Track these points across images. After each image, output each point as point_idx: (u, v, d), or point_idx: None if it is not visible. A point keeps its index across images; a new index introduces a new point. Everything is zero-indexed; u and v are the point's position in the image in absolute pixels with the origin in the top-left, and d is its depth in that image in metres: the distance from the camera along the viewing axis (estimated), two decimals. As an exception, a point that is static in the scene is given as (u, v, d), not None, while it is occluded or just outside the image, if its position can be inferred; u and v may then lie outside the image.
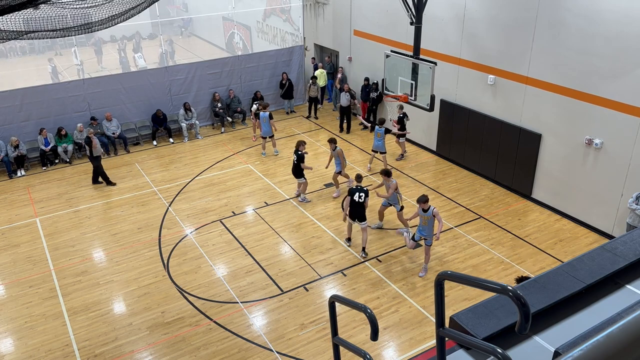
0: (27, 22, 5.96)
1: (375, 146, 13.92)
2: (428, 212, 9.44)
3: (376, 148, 13.93)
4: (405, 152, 15.02)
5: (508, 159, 12.74)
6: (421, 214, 9.54)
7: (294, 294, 9.55)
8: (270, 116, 14.83)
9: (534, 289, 4.91)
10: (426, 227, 9.56)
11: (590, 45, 10.33)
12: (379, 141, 13.75)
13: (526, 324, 2.09)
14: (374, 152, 14.05)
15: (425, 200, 9.41)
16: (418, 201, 9.50)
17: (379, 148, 13.88)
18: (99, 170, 13.56)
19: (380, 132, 13.65)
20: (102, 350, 8.36)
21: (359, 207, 10.18)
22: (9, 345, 8.53)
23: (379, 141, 13.77)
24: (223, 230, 11.56)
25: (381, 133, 13.66)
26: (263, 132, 14.93)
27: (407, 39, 14.05)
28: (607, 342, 1.25)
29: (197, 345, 8.41)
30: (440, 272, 2.63)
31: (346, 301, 3.92)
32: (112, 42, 26.32)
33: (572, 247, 10.74)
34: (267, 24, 20.89)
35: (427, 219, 9.48)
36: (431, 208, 9.46)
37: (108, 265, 10.47)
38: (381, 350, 8.28)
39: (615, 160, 10.45)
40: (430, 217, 9.45)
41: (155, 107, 16.16)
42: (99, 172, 13.58)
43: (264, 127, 14.81)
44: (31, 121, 14.74)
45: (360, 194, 10.12)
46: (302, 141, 12.57)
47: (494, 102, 12.81)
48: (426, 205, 9.42)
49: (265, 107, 15.02)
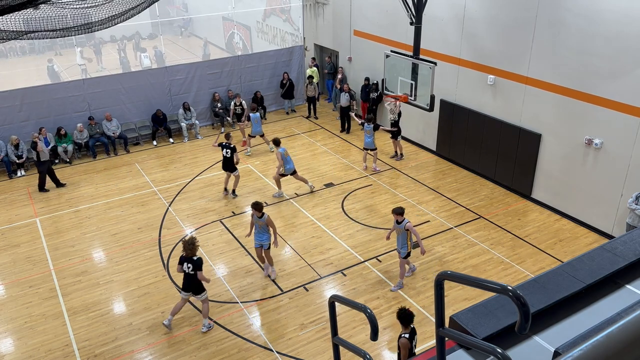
0: (27, 22, 5.96)
1: (366, 143, 13.93)
2: (401, 225, 9.20)
3: (367, 145, 13.93)
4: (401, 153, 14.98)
5: (508, 159, 12.74)
6: (395, 226, 9.38)
7: (294, 294, 9.55)
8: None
9: (534, 289, 4.92)
10: (399, 238, 9.33)
11: (590, 45, 10.33)
12: (369, 138, 13.77)
13: (526, 324, 2.10)
14: (365, 149, 14.06)
15: (400, 212, 9.15)
16: (393, 212, 9.26)
17: (369, 145, 13.88)
18: (43, 176, 13.27)
19: (369, 129, 13.65)
20: (102, 350, 8.36)
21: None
22: (9, 345, 8.53)
23: (368, 138, 13.79)
24: (223, 230, 11.56)
25: (370, 130, 13.66)
26: (253, 132, 15.16)
27: (407, 39, 14.06)
28: (606, 342, 1.25)
29: (197, 345, 8.41)
30: (440, 272, 2.63)
31: (346, 301, 3.92)
32: (112, 42, 26.33)
33: (572, 247, 10.74)
34: (267, 24, 20.90)
35: (400, 231, 9.27)
36: (404, 221, 9.17)
37: (108, 265, 10.47)
38: (381, 350, 8.29)
39: (615, 160, 10.46)
40: (403, 231, 9.21)
41: (155, 107, 16.16)
42: (44, 178, 13.30)
43: (256, 127, 15.05)
44: (31, 121, 14.74)
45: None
46: (229, 133, 12.77)
47: (493, 102, 12.81)
48: (400, 217, 9.18)
49: (255, 109, 15.38)
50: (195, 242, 8.36)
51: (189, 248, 8.28)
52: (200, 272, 8.28)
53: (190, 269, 8.30)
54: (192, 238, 8.42)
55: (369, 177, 13.83)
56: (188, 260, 8.31)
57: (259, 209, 9.43)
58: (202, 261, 8.37)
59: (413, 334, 6.77)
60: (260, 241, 9.66)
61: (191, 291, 8.51)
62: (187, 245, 8.31)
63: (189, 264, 8.31)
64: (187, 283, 8.46)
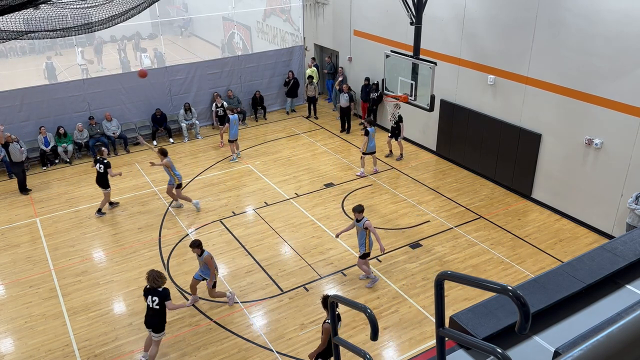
0: (27, 22, 5.96)
1: (372, 147, 13.60)
2: (360, 223, 9.25)
3: (372, 149, 13.65)
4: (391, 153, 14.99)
5: (508, 159, 12.74)
6: (354, 223, 9.41)
7: (294, 294, 9.55)
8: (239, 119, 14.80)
9: (534, 289, 4.92)
10: (358, 236, 9.36)
11: (590, 45, 10.33)
12: (373, 141, 13.59)
13: (526, 324, 2.10)
14: (372, 153, 13.75)
15: (360, 210, 9.20)
16: (353, 210, 9.30)
17: (373, 149, 13.68)
18: (20, 177, 13.24)
19: (373, 131, 13.51)
20: (102, 350, 8.36)
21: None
22: (9, 345, 8.53)
23: (373, 142, 13.58)
24: (223, 230, 11.56)
25: (374, 133, 13.55)
26: (232, 135, 14.55)
27: (407, 39, 14.05)
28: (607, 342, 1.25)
29: (197, 345, 8.42)
30: (440, 272, 2.63)
31: (346, 301, 3.92)
32: (112, 42, 26.33)
33: (572, 247, 10.74)
34: (267, 24, 20.90)
35: (359, 230, 9.31)
36: (363, 220, 9.22)
37: (108, 265, 10.47)
38: (381, 350, 8.29)
39: (615, 160, 10.46)
40: (362, 229, 9.25)
41: (155, 107, 16.15)
42: (21, 180, 13.27)
43: (233, 129, 14.51)
44: (31, 121, 14.74)
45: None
46: (101, 148, 12.08)
47: (493, 102, 12.81)
48: (360, 215, 9.22)
49: (233, 110, 14.94)
50: (162, 275, 7.63)
51: (153, 279, 7.52)
52: (169, 302, 7.60)
53: (156, 303, 7.57)
54: (156, 271, 7.65)
55: (369, 177, 13.82)
56: (153, 292, 7.60)
57: (197, 245, 8.64)
58: (169, 291, 7.66)
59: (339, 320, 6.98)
60: (202, 274, 8.98)
61: (151, 328, 7.77)
62: (152, 276, 7.54)
63: (153, 297, 7.58)
64: (148, 318, 7.74)
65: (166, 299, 7.61)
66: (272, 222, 11.79)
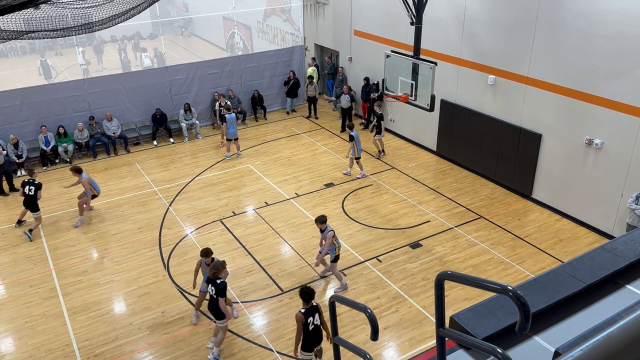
0: (27, 22, 5.96)
1: (361, 151, 13.57)
2: (324, 233, 9.28)
3: (360, 152, 13.60)
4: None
5: (508, 159, 12.74)
6: (321, 235, 9.42)
7: (294, 294, 9.54)
8: (237, 117, 14.75)
9: (534, 289, 4.92)
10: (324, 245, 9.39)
11: (590, 45, 10.33)
12: (359, 145, 13.52)
13: (526, 324, 2.10)
14: (357, 159, 13.55)
15: (323, 221, 9.23)
16: (316, 221, 9.34)
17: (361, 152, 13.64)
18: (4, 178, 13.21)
19: (356, 135, 13.38)
20: (103, 350, 8.37)
21: None
22: (9, 345, 8.53)
23: (359, 145, 13.51)
24: (223, 230, 11.56)
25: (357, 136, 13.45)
26: (229, 134, 14.66)
27: (407, 39, 14.05)
28: (607, 342, 1.25)
29: (197, 346, 8.42)
30: (441, 272, 2.63)
31: (346, 301, 3.92)
32: (112, 42, 26.34)
33: (572, 247, 10.74)
34: (268, 24, 20.90)
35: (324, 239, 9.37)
36: (327, 229, 9.26)
37: (108, 265, 10.47)
38: (381, 350, 8.28)
39: (615, 161, 10.45)
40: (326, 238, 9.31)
41: (155, 107, 16.16)
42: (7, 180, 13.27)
43: (231, 129, 14.60)
44: (31, 121, 14.75)
45: None
46: (31, 169, 11.63)
47: (494, 102, 12.81)
48: (323, 225, 9.25)
49: (230, 110, 14.95)
50: (222, 268, 7.90)
51: (214, 271, 7.81)
52: (222, 300, 7.75)
53: (214, 292, 7.83)
54: (220, 263, 7.95)
55: (369, 177, 13.82)
56: (213, 283, 7.85)
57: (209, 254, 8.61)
58: (225, 286, 7.89)
59: (313, 311, 7.09)
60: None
61: (213, 315, 8.03)
62: (215, 267, 7.86)
63: (212, 287, 7.85)
64: (210, 306, 8.00)
65: (221, 294, 7.80)
66: (272, 222, 11.79)
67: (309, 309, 7.07)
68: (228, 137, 14.76)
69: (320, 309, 7.19)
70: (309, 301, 7.06)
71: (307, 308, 7.06)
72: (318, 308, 7.16)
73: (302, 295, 7.07)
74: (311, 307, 7.09)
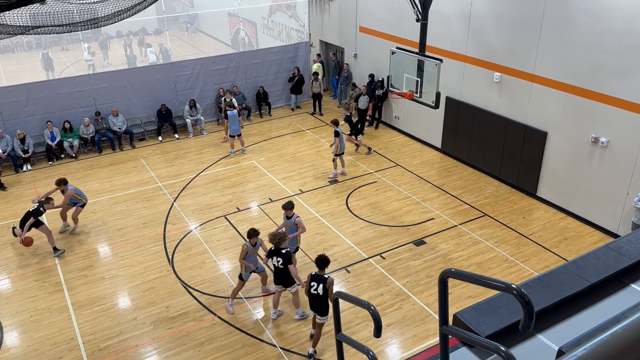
0: (33, 17, 5.98)
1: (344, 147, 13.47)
2: (291, 220, 9.38)
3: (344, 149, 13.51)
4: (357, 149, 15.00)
5: (513, 157, 12.70)
6: (285, 221, 9.44)
7: (299, 290, 9.55)
8: (239, 114, 14.81)
9: (538, 287, 4.90)
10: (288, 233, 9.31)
11: (597, 42, 10.26)
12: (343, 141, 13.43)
13: (530, 323, 2.09)
14: (341, 154, 13.44)
15: (290, 208, 9.34)
16: (283, 207, 9.40)
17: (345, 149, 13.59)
18: None
19: (341, 131, 13.35)
20: (107, 344, 8.41)
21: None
22: (15, 339, 8.59)
23: (343, 141, 13.42)
24: (227, 226, 11.58)
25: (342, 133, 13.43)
26: (232, 131, 14.70)
27: (412, 36, 14.01)
28: (611, 341, 1.25)
29: (201, 340, 8.45)
30: (444, 269, 2.63)
31: (350, 298, 3.93)
32: (118, 38, 26.37)
33: (577, 246, 10.70)
34: (273, 20, 20.86)
35: (290, 226, 9.40)
36: (294, 216, 9.36)
37: (113, 260, 10.52)
38: (384, 347, 8.30)
39: (621, 159, 10.40)
40: (293, 225, 9.36)
41: (160, 102, 16.19)
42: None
43: (233, 125, 14.62)
44: (37, 116, 14.82)
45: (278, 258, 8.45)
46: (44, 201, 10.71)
47: (499, 99, 12.76)
48: (290, 212, 9.34)
49: (232, 106, 14.98)
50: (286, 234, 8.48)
51: (278, 241, 8.22)
52: (291, 266, 8.26)
53: (280, 263, 8.27)
54: (281, 233, 8.43)
55: (374, 174, 13.81)
56: (277, 253, 8.27)
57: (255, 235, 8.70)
58: (290, 254, 8.31)
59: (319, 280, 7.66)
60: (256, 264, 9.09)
61: (281, 284, 8.50)
62: (276, 237, 8.24)
63: (278, 258, 8.27)
64: (277, 276, 8.47)
65: (289, 262, 8.29)
66: (276, 218, 11.80)
67: (316, 276, 7.68)
68: (230, 134, 14.81)
69: (327, 282, 7.63)
70: (322, 268, 7.69)
71: (316, 273, 7.69)
72: (325, 280, 7.64)
73: (316, 261, 7.76)
74: (319, 276, 7.67)
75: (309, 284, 7.76)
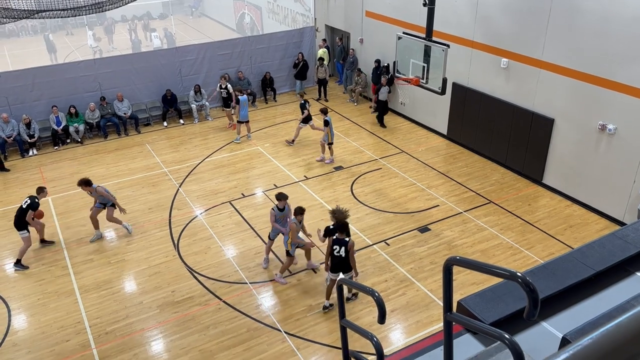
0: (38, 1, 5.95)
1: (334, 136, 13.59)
2: (284, 211, 9.39)
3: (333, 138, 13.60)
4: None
5: (519, 144, 12.62)
6: (276, 212, 9.40)
7: (303, 276, 9.61)
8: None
9: (543, 275, 4.90)
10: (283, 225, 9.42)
11: (606, 28, 10.12)
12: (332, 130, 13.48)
13: (534, 310, 2.09)
14: (330, 144, 13.52)
15: (286, 198, 9.34)
16: (279, 198, 9.38)
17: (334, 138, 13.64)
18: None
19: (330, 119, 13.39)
20: (113, 328, 8.51)
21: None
22: (22, 322, 8.70)
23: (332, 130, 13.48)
24: (232, 211, 11.62)
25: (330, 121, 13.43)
26: (241, 116, 14.48)
27: (419, 21, 13.85)
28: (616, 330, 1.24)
29: (206, 324, 8.53)
30: (449, 257, 2.62)
31: (354, 284, 3.94)
32: (122, 22, 26.26)
33: (582, 234, 10.68)
34: (278, 5, 20.69)
35: (282, 217, 9.41)
36: (286, 208, 9.40)
37: (119, 245, 10.59)
38: (388, 332, 8.34)
39: (628, 147, 10.32)
40: (285, 215, 9.39)
41: (165, 87, 16.15)
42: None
43: (243, 110, 14.43)
44: (42, 101, 14.82)
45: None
46: (43, 187, 10.37)
47: (506, 86, 12.65)
48: (281, 203, 9.32)
49: (242, 92, 14.79)
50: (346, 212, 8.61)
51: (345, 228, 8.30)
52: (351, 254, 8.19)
53: (343, 252, 8.14)
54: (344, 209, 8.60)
55: (379, 160, 13.78)
56: (340, 243, 8.14)
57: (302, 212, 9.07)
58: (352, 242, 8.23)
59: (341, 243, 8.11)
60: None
61: (340, 271, 8.29)
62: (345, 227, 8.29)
63: (341, 247, 8.14)
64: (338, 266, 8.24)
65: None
66: (281, 204, 11.82)
67: (338, 240, 8.11)
68: (239, 120, 14.63)
69: (348, 245, 8.07)
70: (342, 232, 8.14)
71: (337, 237, 8.13)
72: (346, 242, 8.06)
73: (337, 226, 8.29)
74: (341, 239, 8.09)
75: (330, 247, 8.18)
